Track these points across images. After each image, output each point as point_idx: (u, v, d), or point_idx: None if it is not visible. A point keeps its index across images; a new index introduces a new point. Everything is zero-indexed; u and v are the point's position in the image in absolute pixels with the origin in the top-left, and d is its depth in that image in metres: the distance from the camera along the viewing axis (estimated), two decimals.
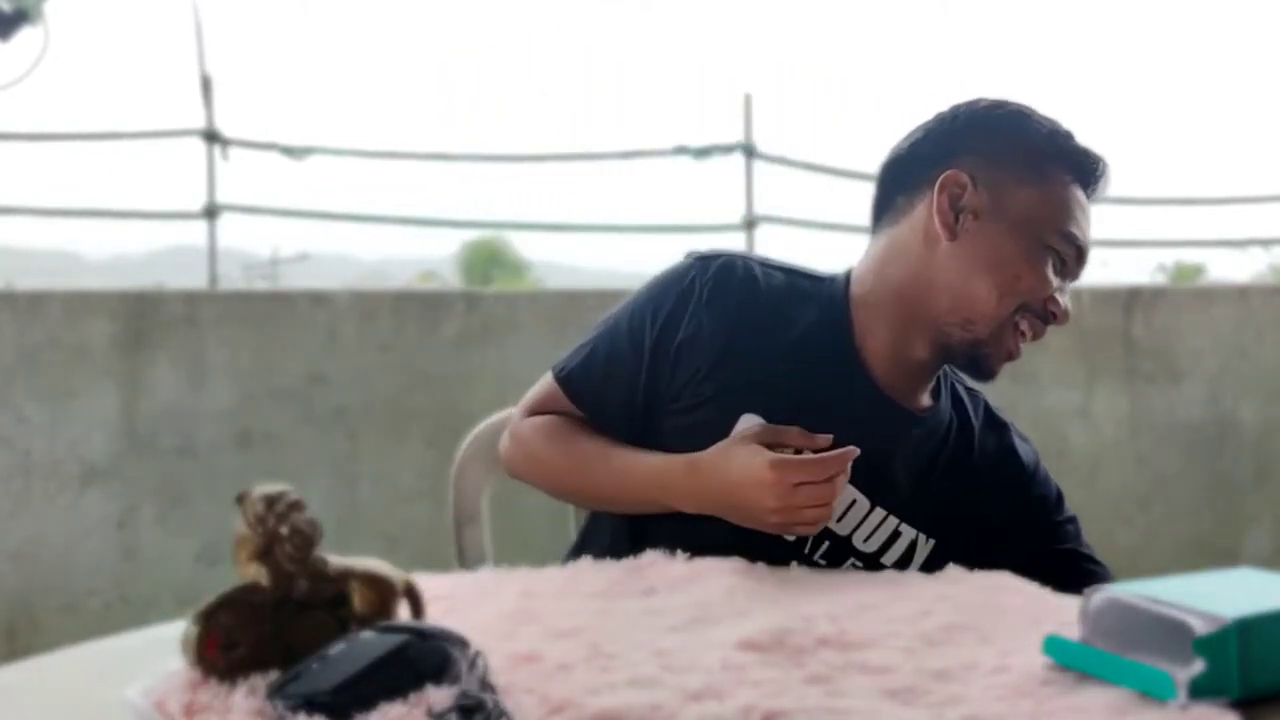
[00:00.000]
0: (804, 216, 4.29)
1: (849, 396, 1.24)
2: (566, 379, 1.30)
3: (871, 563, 1.22)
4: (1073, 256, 1.23)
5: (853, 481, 1.15)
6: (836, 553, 1.21)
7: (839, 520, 1.20)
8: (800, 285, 1.29)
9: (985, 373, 1.25)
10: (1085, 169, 1.25)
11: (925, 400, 1.29)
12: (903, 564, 1.23)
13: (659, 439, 1.23)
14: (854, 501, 1.20)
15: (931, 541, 1.24)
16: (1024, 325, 1.22)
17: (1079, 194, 1.24)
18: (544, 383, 1.33)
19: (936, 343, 1.24)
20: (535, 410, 1.33)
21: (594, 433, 1.28)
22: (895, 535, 1.22)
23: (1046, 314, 1.22)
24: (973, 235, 1.21)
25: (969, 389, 1.35)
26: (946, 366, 1.30)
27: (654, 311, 1.27)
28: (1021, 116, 1.26)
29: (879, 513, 1.22)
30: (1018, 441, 1.33)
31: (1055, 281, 1.21)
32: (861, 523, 1.21)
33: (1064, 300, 1.22)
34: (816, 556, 1.21)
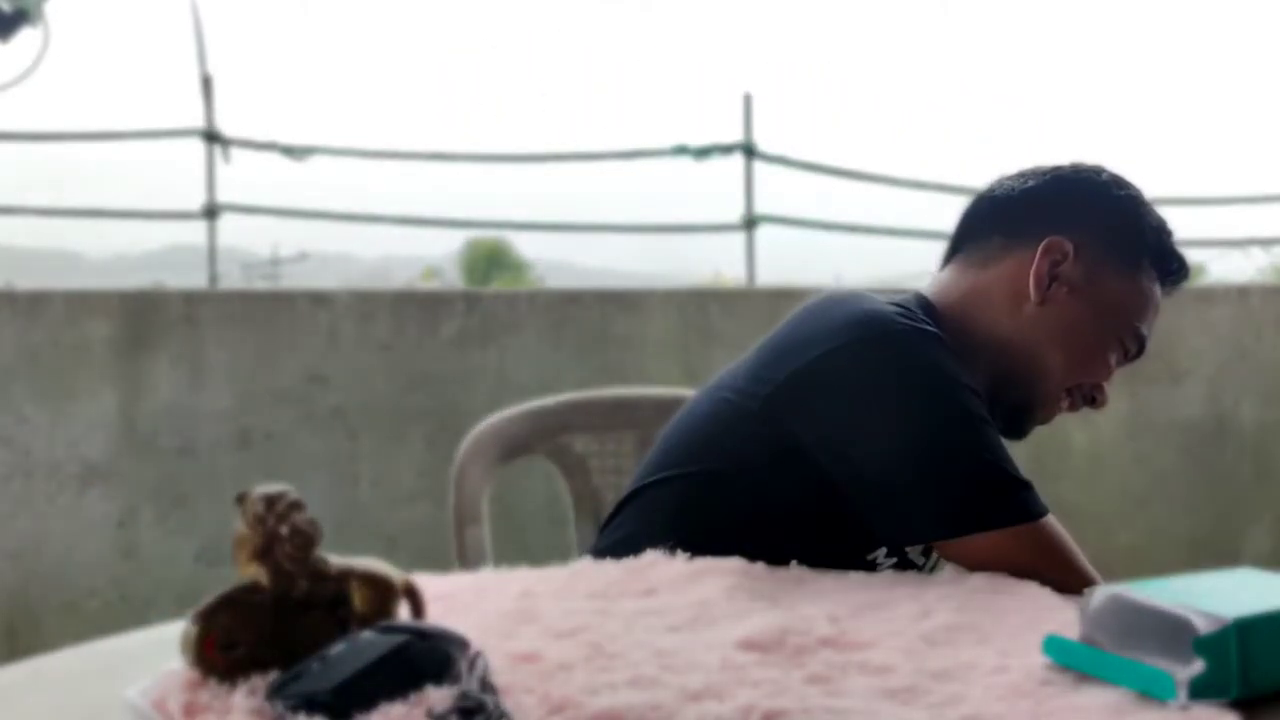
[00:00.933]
0: (804, 216, 4.29)
1: None
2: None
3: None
4: (1134, 352, 1.26)
5: None
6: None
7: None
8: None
9: (1019, 433, 1.25)
10: (1173, 271, 1.28)
11: None
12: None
13: None
14: None
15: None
16: (1067, 401, 1.25)
17: (1159, 293, 1.27)
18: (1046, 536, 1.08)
19: (989, 393, 1.18)
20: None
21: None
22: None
23: (1091, 397, 1.25)
24: (1060, 305, 1.21)
25: None
26: None
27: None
28: (1136, 205, 1.27)
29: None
30: None
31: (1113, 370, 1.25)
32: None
33: (1108, 388, 1.25)
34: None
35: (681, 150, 4.07)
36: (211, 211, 3.81)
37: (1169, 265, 1.27)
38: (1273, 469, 3.46)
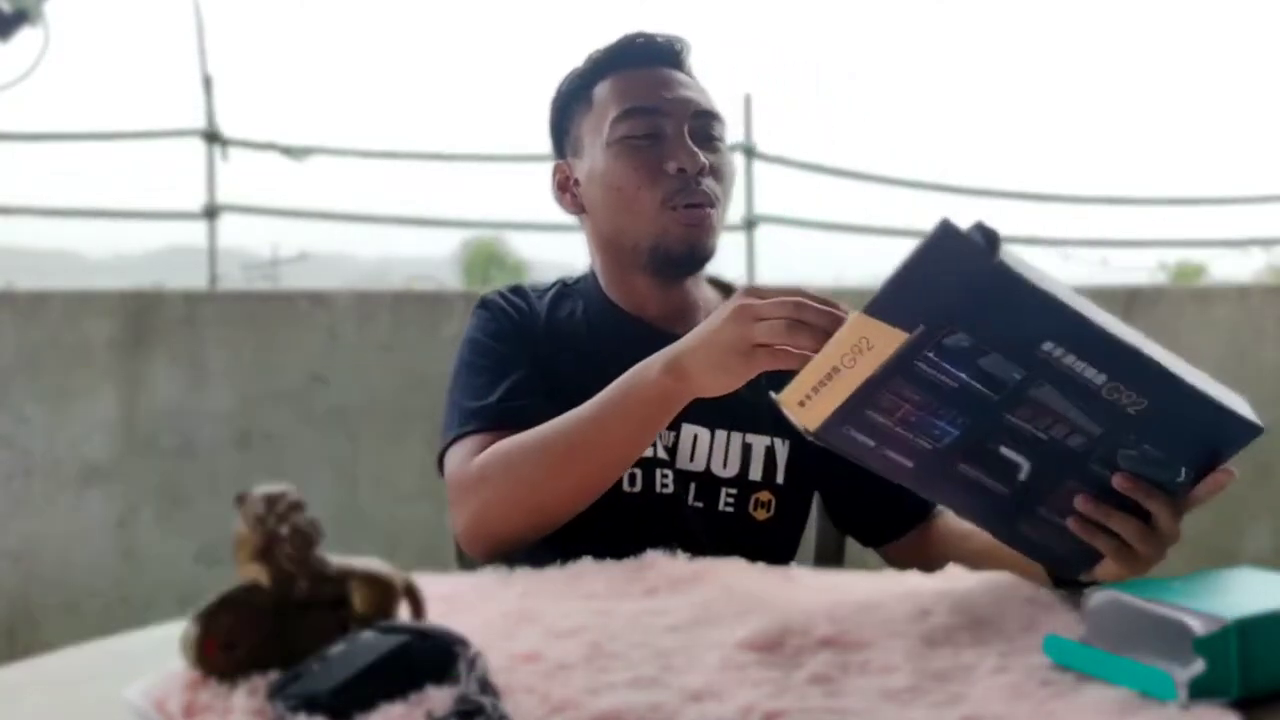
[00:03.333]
0: (804, 216, 4.29)
1: (637, 352, 1.16)
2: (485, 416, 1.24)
3: (743, 485, 1.27)
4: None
5: (686, 419, 1.21)
6: (706, 490, 1.26)
7: (690, 460, 1.26)
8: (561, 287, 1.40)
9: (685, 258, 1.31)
10: (606, 58, 1.35)
11: (692, 324, 1.22)
12: (769, 475, 1.28)
13: None
14: (695, 436, 1.26)
15: (787, 441, 1.29)
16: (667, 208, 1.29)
17: (618, 83, 1.33)
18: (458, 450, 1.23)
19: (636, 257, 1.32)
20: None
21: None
22: (748, 448, 1.28)
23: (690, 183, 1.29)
24: (590, 199, 1.36)
25: None
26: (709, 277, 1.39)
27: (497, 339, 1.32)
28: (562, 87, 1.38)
29: (721, 434, 1.27)
30: None
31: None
32: (711, 452, 1.27)
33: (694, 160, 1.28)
34: (691, 502, 1.25)
35: None
36: (211, 211, 3.81)
37: (597, 62, 1.35)
38: (1273, 469, 3.46)
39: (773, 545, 1.28)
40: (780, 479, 1.29)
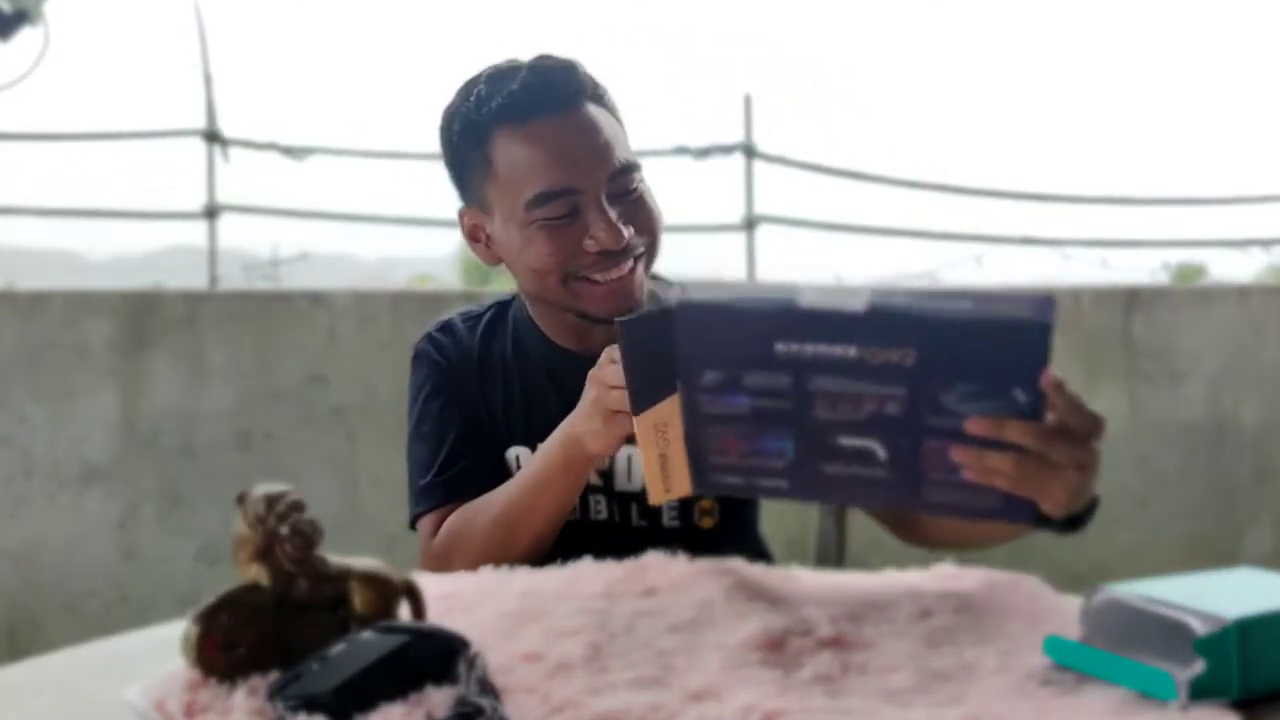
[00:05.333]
0: (804, 216, 4.29)
1: (569, 383, 1.24)
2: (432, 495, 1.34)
3: (684, 499, 1.21)
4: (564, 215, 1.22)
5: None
6: (648, 509, 1.27)
7: (629, 480, 1.28)
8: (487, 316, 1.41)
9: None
10: (490, 106, 1.23)
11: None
12: None
13: None
14: (629, 457, 1.27)
15: None
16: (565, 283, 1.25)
17: (519, 141, 1.22)
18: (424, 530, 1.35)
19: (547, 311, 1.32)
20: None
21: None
22: None
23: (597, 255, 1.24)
24: (500, 248, 1.31)
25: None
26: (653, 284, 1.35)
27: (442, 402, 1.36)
28: (447, 125, 1.30)
29: None
30: None
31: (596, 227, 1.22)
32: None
33: (608, 236, 1.22)
34: (635, 523, 1.28)
35: (681, 150, 4.06)
36: (211, 211, 3.81)
37: (493, 112, 1.23)
38: (1273, 469, 3.46)
39: (725, 551, 1.24)
40: None
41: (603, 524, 1.29)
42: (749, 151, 4.08)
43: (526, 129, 1.22)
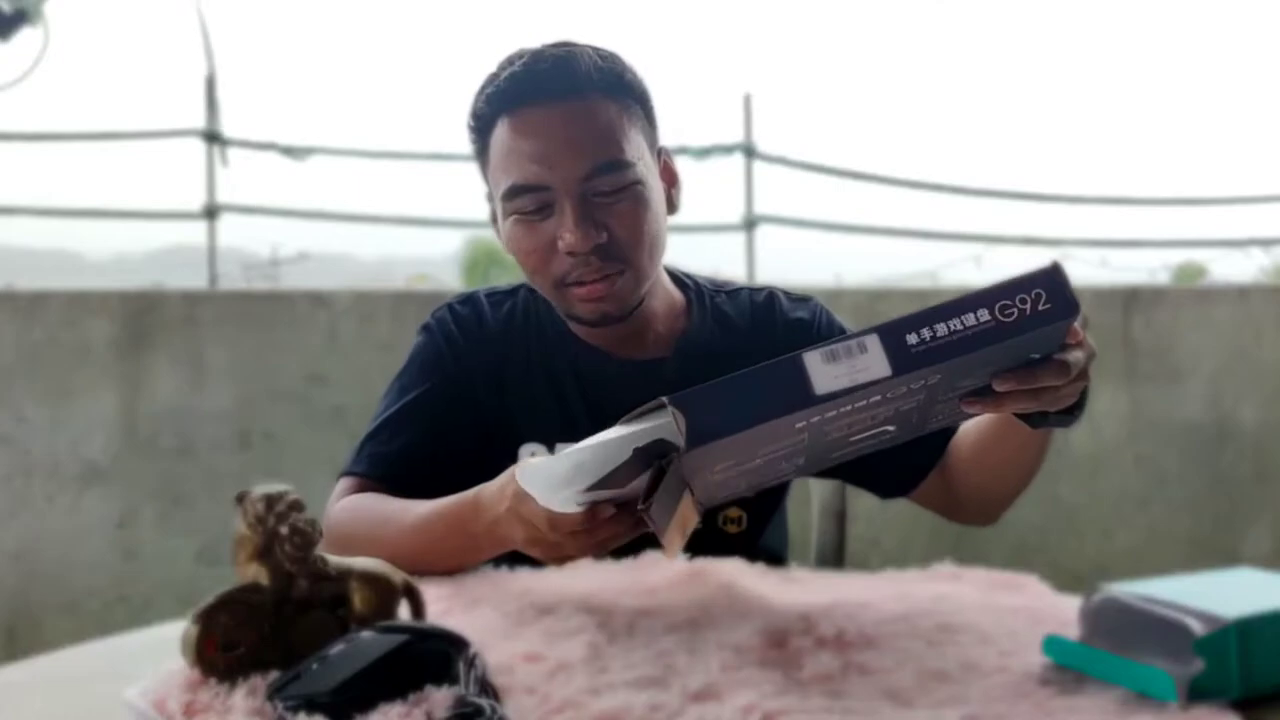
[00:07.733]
0: (804, 216, 4.29)
1: (581, 378, 1.25)
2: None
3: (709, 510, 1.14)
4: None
5: None
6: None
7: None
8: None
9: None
10: (494, 93, 1.20)
11: (652, 341, 1.29)
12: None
13: None
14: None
15: None
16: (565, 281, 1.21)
17: (514, 127, 1.19)
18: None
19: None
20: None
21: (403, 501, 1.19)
22: None
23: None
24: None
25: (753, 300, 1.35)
26: (695, 294, 1.34)
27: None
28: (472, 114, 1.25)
29: None
30: (790, 311, 1.33)
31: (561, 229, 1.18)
32: None
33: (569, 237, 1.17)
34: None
35: (682, 150, 4.06)
36: (211, 212, 3.81)
37: (490, 99, 1.20)
38: (1273, 469, 3.46)
39: (749, 553, 1.18)
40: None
41: None
42: (749, 151, 4.08)
43: (516, 118, 1.19)
